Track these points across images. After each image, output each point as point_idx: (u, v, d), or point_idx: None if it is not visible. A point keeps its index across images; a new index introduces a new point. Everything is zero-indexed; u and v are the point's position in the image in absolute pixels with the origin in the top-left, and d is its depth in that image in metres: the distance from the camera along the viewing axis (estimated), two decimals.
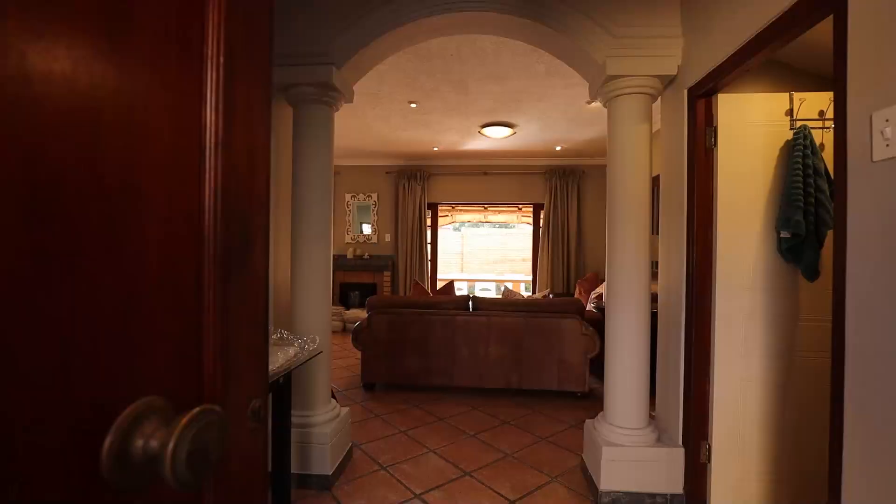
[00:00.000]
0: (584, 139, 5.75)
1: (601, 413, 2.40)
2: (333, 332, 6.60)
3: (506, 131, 5.24)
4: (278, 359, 1.82)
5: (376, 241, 7.34)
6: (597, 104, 4.39)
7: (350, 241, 7.37)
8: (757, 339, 2.03)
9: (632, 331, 2.22)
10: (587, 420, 2.49)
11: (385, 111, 4.77)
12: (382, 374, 3.77)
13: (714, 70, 1.95)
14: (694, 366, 2.09)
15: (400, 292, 7.06)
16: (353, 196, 7.34)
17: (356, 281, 7.19)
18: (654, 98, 2.29)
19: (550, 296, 4.24)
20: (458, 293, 10.76)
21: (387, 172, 7.26)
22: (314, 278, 2.38)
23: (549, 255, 6.77)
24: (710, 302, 2.07)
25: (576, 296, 5.96)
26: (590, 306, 4.92)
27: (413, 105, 4.54)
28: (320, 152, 2.40)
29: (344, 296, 7.19)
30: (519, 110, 4.67)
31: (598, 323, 4.17)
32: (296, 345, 2.05)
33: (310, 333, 2.30)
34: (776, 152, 2.03)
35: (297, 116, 2.40)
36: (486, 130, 5.26)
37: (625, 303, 2.24)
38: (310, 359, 2.00)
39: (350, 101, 2.66)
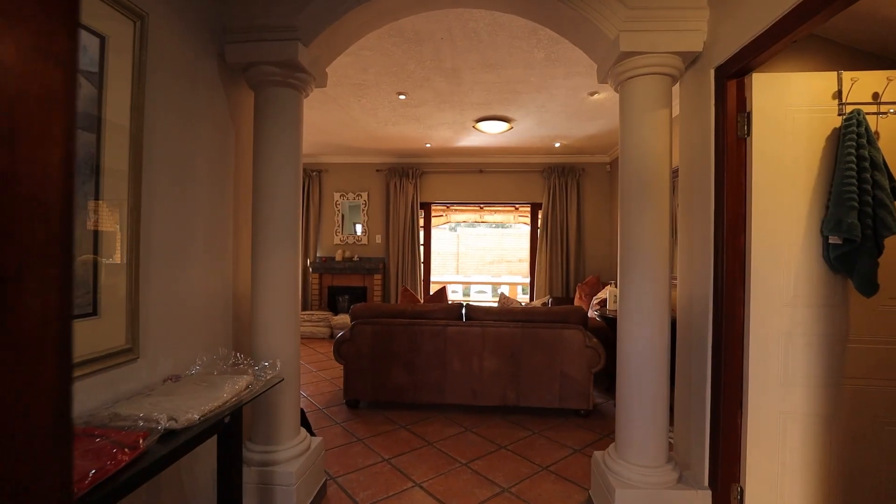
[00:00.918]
0: (585, 135, 5.43)
1: (612, 445, 2.08)
2: (320, 339, 6.28)
3: (502, 126, 4.92)
4: (221, 393, 1.49)
5: (366, 243, 7.01)
6: (600, 96, 4.08)
7: (339, 242, 7.03)
8: (799, 363, 1.71)
9: (650, 350, 1.89)
10: (595, 453, 2.16)
11: (372, 103, 4.44)
12: (367, 390, 3.44)
13: (748, 45, 1.63)
14: (723, 394, 1.77)
15: (391, 296, 6.73)
16: (342, 195, 7.00)
17: (345, 284, 6.85)
18: (674, 80, 1.97)
19: (550, 302, 3.93)
20: (452, 296, 10.41)
21: (377, 170, 6.92)
22: (278, 290, 2.04)
23: (548, 258, 6.45)
24: (743, 319, 1.75)
25: (576, 301, 5.65)
26: (592, 313, 4.61)
27: (402, 97, 4.20)
28: (286, 143, 2.06)
29: (332, 300, 6.85)
30: (516, 103, 4.34)
31: (602, 332, 3.86)
32: (250, 373, 1.72)
33: (273, 355, 1.97)
34: (822, 142, 1.71)
35: (258, 101, 2.07)
36: (481, 125, 4.93)
37: (642, 317, 1.91)
38: (267, 390, 1.67)
39: (322, 85, 2.32)
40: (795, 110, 1.72)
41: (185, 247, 1.80)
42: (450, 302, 9.56)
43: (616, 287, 4.04)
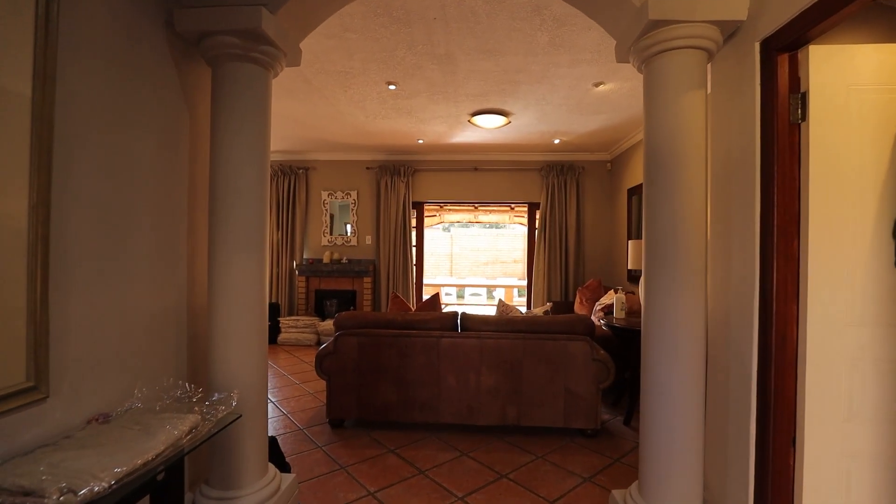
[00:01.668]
0: (587, 131, 5.14)
1: (634, 484, 1.78)
2: (306, 346, 5.91)
3: (499, 120, 4.61)
4: (155, 442, 1.16)
5: (356, 244, 6.67)
6: (605, 87, 3.78)
7: (327, 243, 6.69)
8: (867, 395, 1.42)
9: (684, 373, 1.60)
10: (614, 492, 1.87)
11: (359, 94, 4.11)
12: (352, 408, 3.11)
13: (807, 10, 1.33)
14: (772, 429, 1.48)
15: (382, 300, 6.40)
16: (330, 194, 6.67)
17: (333, 288, 6.51)
18: (709, 56, 1.67)
19: (551, 310, 3.63)
20: (446, 298, 10.07)
21: (367, 168, 6.59)
22: (240, 305, 1.72)
23: (546, 260, 6.16)
24: (797, 341, 1.46)
25: (576, 306, 5.36)
26: (595, 320, 4.32)
27: (392, 87, 3.88)
28: (249, 130, 1.74)
29: (319, 305, 6.51)
30: (515, 94, 4.04)
31: (609, 343, 3.57)
32: (198, 410, 1.39)
33: (232, 383, 1.65)
34: (895, 128, 1.42)
35: (215, 79, 1.74)
36: (477, 119, 4.62)
37: (675, 332, 1.61)
38: (216, 433, 1.34)
39: (295, 63, 2.00)
40: (862, 90, 1.43)
41: (121, 253, 1.47)
42: (443, 308, 9.22)
43: (622, 293, 3.76)
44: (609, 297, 4.52)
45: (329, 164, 6.67)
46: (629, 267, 3.48)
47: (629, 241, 3.50)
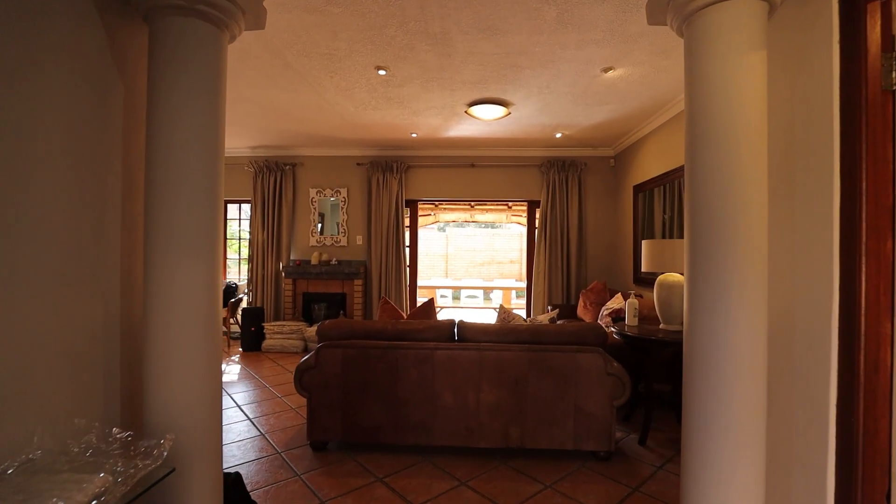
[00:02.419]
0: (591, 123, 4.82)
1: None
2: (292, 353, 5.53)
3: (499, 111, 4.28)
4: None
5: (346, 244, 6.32)
6: (615, 73, 3.46)
7: (315, 244, 6.34)
8: None
9: (736, 415, 1.27)
10: None
11: (347, 81, 3.77)
12: (336, 429, 2.77)
13: None
14: (861, 484, 1.16)
15: (373, 304, 6.06)
16: (319, 192, 6.31)
17: (322, 291, 6.16)
18: (773, 8, 1.34)
19: (555, 313, 3.31)
20: (441, 300, 9.71)
21: (357, 164, 6.24)
22: (184, 322, 1.37)
23: (546, 260, 5.84)
24: (893, 368, 1.14)
25: (579, 310, 5.05)
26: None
27: (382, 72, 3.54)
28: (197, 104, 1.40)
29: (307, 309, 6.15)
30: (516, 82, 3.71)
31: (619, 352, 3.25)
32: (108, 467, 1.05)
33: (175, 423, 1.31)
34: None
35: (153, 38, 1.39)
36: (475, 110, 4.29)
37: (721, 367, 1.29)
38: (138, 496, 1.00)
39: (259, 25, 1.65)
40: None
41: (18, 262, 1.12)
42: (438, 312, 8.85)
43: (634, 298, 3.44)
44: (616, 301, 4.21)
45: (317, 159, 6.32)
46: (644, 269, 3.16)
47: (643, 241, 3.18)
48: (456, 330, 2.86)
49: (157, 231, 1.36)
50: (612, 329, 3.20)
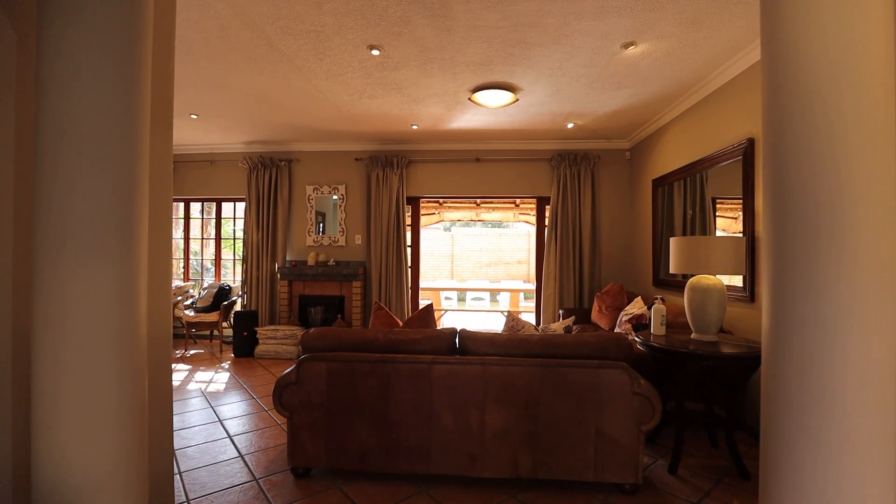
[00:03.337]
0: (606, 112, 4.43)
1: None
2: (287, 360, 5.16)
3: (505, 97, 3.91)
4: None
5: (344, 244, 5.99)
6: (636, 49, 3.06)
7: (312, 244, 6.01)
8: None
9: (864, 446, 0.89)
10: None
11: (338, 64, 3.42)
12: (320, 453, 2.42)
13: None
14: None
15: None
16: (316, 189, 5.98)
17: (319, 293, 5.83)
18: None
19: (570, 321, 2.92)
20: (446, 303, 9.28)
21: (356, 159, 5.90)
22: (86, 352, 1.02)
23: (557, 261, 5.46)
24: None
25: (593, 314, 4.66)
26: (620, 331, 3.61)
27: (375, 52, 3.19)
28: (104, 52, 1.05)
29: (303, 312, 5.82)
30: (525, 62, 3.34)
31: (642, 364, 2.86)
32: None
33: (71, 483, 0.95)
34: None
35: None
36: (479, 96, 3.93)
37: (827, 404, 0.91)
38: None
39: None
40: None
41: None
42: (442, 318, 8.48)
43: (660, 303, 3.05)
44: (636, 306, 3.81)
45: (314, 155, 6.00)
46: (672, 270, 2.77)
47: (671, 239, 2.79)
48: (457, 341, 2.50)
49: (44, 225, 1.02)
50: (636, 338, 2.82)
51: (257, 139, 5.76)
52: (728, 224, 3.74)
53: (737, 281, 3.19)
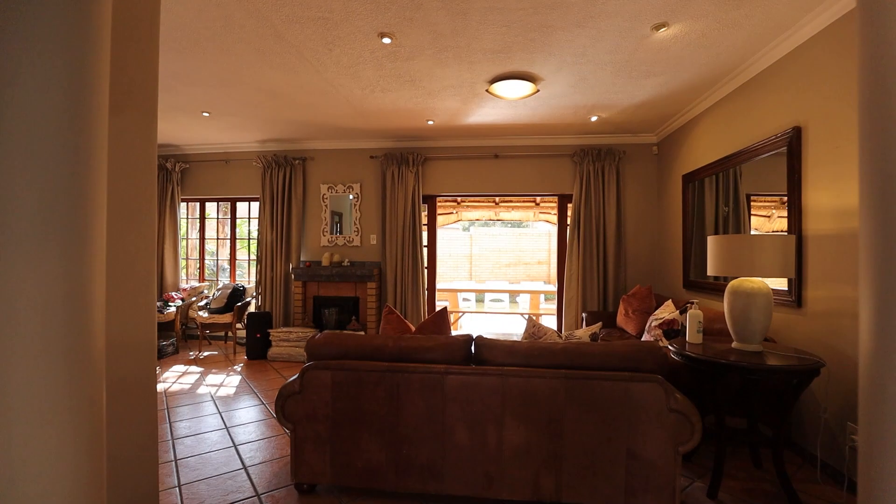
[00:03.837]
0: (633, 103, 4.17)
1: None
2: (300, 363, 5.03)
3: (525, 88, 3.69)
4: None
5: (359, 244, 5.84)
6: (668, 31, 2.79)
7: (327, 244, 5.89)
8: None
9: None
10: None
11: (348, 55, 3.26)
12: (325, 469, 2.25)
13: None
14: None
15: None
16: (330, 188, 5.86)
17: (333, 294, 5.70)
18: None
19: (597, 328, 2.66)
20: (464, 304, 9.07)
21: (371, 157, 5.75)
22: (16, 360, 0.86)
23: (580, 262, 5.20)
24: None
25: (619, 318, 4.39)
26: (648, 338, 3.35)
27: (386, 40, 3.01)
28: (42, 48, 0.88)
29: (318, 314, 5.70)
30: (547, 48, 3.12)
31: (676, 377, 2.61)
32: None
33: None
34: None
35: None
36: (498, 88, 3.71)
37: None
38: None
39: None
40: None
41: None
42: (459, 322, 8.26)
43: (696, 308, 2.79)
44: (666, 310, 3.55)
45: (328, 153, 5.87)
46: (709, 273, 2.51)
47: (709, 238, 2.53)
48: (473, 349, 2.30)
49: None
50: (669, 347, 2.56)
51: (271, 137, 5.67)
52: (761, 223, 3.46)
53: (780, 284, 2.90)
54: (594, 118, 4.63)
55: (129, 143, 1.51)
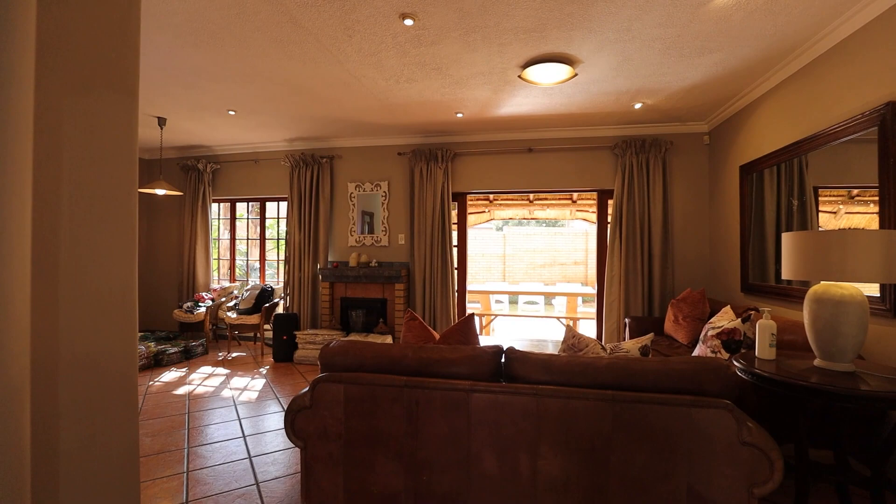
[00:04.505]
0: (684, 86, 3.75)
1: None
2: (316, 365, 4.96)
3: (561, 72, 3.37)
4: None
5: (387, 244, 5.65)
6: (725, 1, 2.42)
7: (354, 244, 5.73)
8: None
9: None
10: None
11: (369, 41, 3.04)
12: (337, 493, 2.03)
13: None
14: None
15: (416, 310, 5.32)
16: (358, 186, 5.70)
17: (361, 296, 5.53)
18: None
19: (648, 339, 2.30)
20: (496, 307, 8.67)
21: (398, 154, 5.55)
22: None
23: (622, 262, 4.79)
24: None
25: (667, 325, 3.98)
26: (706, 351, 2.96)
27: (408, 21, 2.77)
28: None
29: (345, 316, 5.54)
30: (585, 23, 2.79)
31: (742, 400, 2.24)
32: None
33: None
34: None
35: None
36: (531, 73, 3.40)
37: None
38: None
39: None
40: None
41: None
42: (488, 325, 7.90)
43: (768, 317, 2.39)
44: (725, 317, 3.13)
45: (355, 150, 5.71)
46: (784, 276, 2.12)
47: (784, 235, 2.14)
48: (503, 362, 2.01)
49: None
50: (735, 364, 2.19)
51: (298, 136, 5.56)
52: (826, 220, 3.02)
53: (870, 290, 2.46)
54: (638, 105, 4.24)
55: (100, 129, 1.30)
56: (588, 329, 6.99)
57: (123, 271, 1.34)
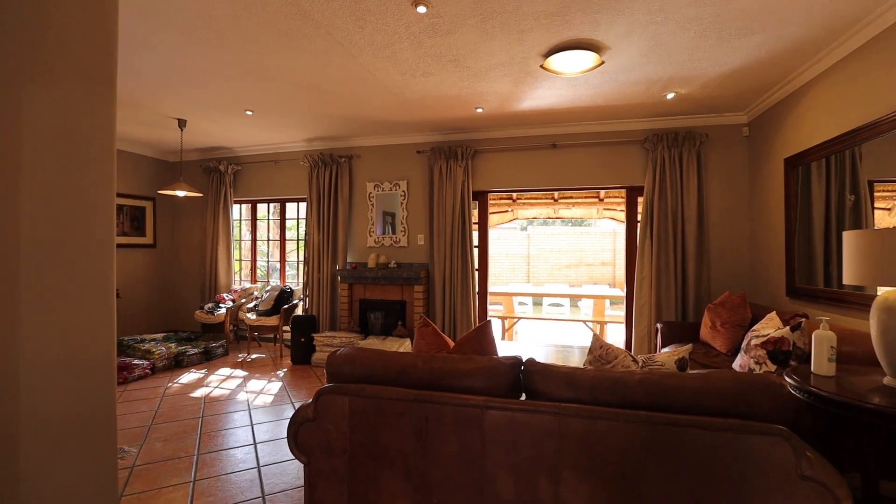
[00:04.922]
0: (721, 72, 3.46)
1: None
2: None
3: (587, 60, 3.14)
4: None
5: (406, 245, 5.52)
6: None
7: (373, 244, 5.62)
8: None
9: None
10: None
11: (381, 32, 2.90)
12: None
13: None
14: None
15: (436, 313, 5.16)
16: (377, 186, 5.58)
17: (380, 297, 5.42)
18: None
19: (686, 350, 2.06)
20: (519, 309, 8.38)
21: (417, 152, 5.40)
22: None
23: (653, 263, 4.51)
24: None
25: (703, 331, 3.69)
26: (749, 363, 2.69)
27: (421, 8, 2.61)
28: None
29: (363, 318, 5.44)
30: (612, 4, 2.57)
31: (799, 422, 1.97)
32: None
33: None
34: None
35: None
36: (553, 62, 3.19)
37: None
38: None
39: None
40: None
41: None
42: (511, 328, 7.63)
43: (826, 327, 2.11)
44: (770, 324, 2.85)
45: (373, 149, 5.60)
46: (846, 281, 1.86)
47: (845, 234, 1.88)
48: (522, 375, 1.83)
49: None
50: (786, 380, 1.93)
51: (316, 135, 5.50)
52: (879, 217, 2.72)
53: None
54: (670, 95, 3.96)
55: (70, 122, 1.18)
56: (616, 334, 6.67)
57: (98, 273, 1.23)
